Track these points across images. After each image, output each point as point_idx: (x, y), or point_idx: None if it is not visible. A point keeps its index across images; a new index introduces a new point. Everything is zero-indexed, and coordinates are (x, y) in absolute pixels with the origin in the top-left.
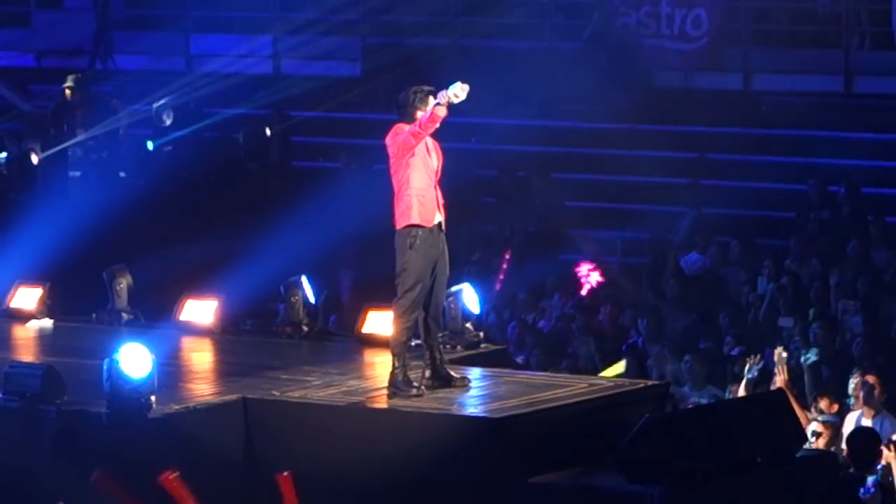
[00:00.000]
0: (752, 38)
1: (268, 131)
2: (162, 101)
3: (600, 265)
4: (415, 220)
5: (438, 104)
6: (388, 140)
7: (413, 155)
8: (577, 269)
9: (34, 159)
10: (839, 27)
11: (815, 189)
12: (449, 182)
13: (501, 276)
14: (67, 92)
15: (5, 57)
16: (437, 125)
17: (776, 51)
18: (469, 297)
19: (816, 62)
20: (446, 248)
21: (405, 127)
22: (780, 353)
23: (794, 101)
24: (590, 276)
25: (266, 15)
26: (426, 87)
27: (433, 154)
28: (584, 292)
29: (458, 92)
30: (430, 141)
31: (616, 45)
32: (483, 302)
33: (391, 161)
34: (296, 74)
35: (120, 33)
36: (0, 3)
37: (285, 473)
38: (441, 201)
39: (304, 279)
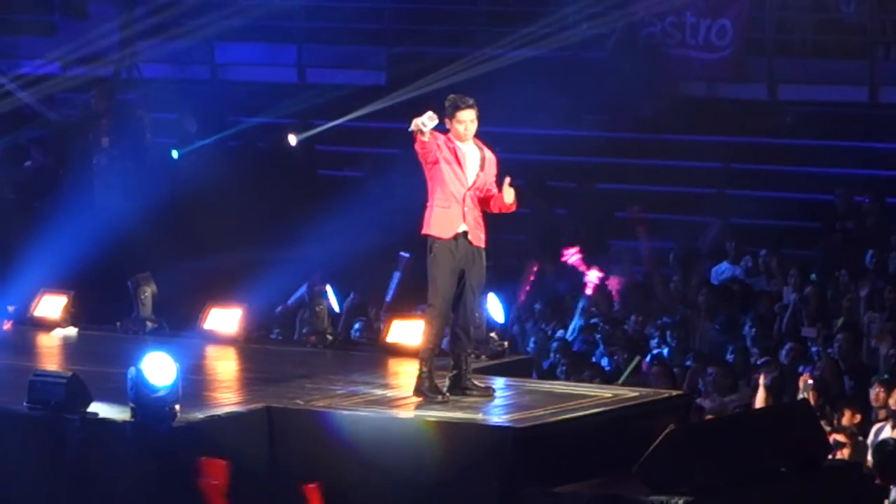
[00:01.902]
0: (776, 47)
1: (292, 140)
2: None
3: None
4: (430, 230)
5: (413, 132)
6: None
7: (437, 163)
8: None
9: (59, 168)
10: (864, 37)
11: (841, 199)
12: None
13: (527, 288)
14: (92, 101)
15: (31, 65)
16: (428, 150)
17: (801, 61)
18: (493, 307)
19: (841, 72)
20: (480, 259)
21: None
22: (805, 381)
23: (819, 112)
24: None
25: (291, 24)
26: (460, 101)
27: (469, 165)
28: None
29: (426, 121)
30: (469, 151)
31: (641, 54)
32: (507, 312)
33: (424, 169)
34: (320, 83)
35: (145, 42)
36: (25, 12)
37: (313, 485)
38: (473, 213)
39: (328, 288)
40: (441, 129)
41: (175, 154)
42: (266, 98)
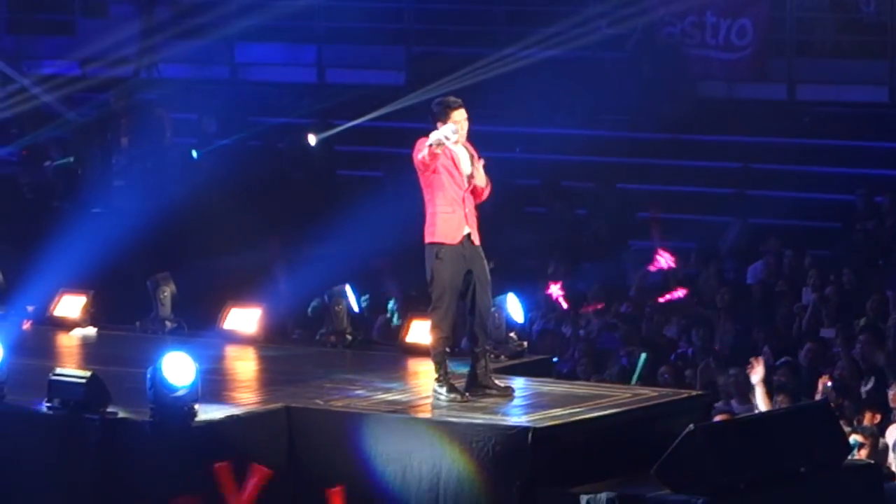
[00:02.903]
0: (796, 48)
1: (312, 140)
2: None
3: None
4: (437, 238)
5: (431, 145)
6: (413, 154)
7: (436, 171)
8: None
9: (78, 168)
10: (884, 37)
11: (862, 199)
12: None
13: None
14: (111, 100)
15: (50, 65)
16: (431, 164)
17: (821, 61)
18: (513, 307)
19: (861, 72)
20: (481, 256)
21: (422, 143)
22: (824, 383)
23: (839, 112)
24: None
25: (310, 24)
26: (450, 101)
27: (461, 166)
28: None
29: (449, 134)
30: (461, 152)
31: (661, 54)
32: (527, 311)
33: (418, 175)
34: (340, 83)
35: (164, 42)
36: (45, 12)
37: (336, 489)
38: (472, 213)
39: (347, 288)
40: (431, 130)
41: (194, 154)
42: (285, 98)
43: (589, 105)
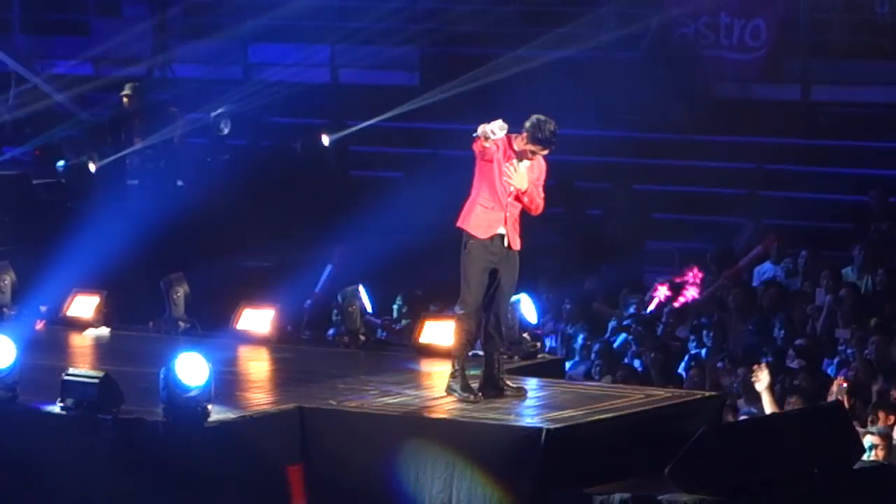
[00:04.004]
0: (811, 48)
1: (325, 140)
2: (220, 110)
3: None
4: (466, 226)
5: (477, 136)
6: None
7: (490, 161)
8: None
9: (92, 167)
10: None
11: (876, 200)
12: None
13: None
14: (125, 100)
15: (64, 65)
16: (487, 153)
17: (835, 61)
18: (527, 307)
19: (876, 73)
20: (514, 262)
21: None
22: (839, 384)
23: (853, 112)
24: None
25: (324, 24)
26: (546, 137)
27: (520, 176)
28: (652, 307)
29: (496, 129)
30: (524, 164)
31: (674, 55)
32: (540, 312)
33: (475, 159)
34: (354, 83)
35: (178, 41)
36: (59, 12)
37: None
38: (513, 219)
39: (361, 288)
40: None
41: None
42: (299, 98)
43: (602, 105)
